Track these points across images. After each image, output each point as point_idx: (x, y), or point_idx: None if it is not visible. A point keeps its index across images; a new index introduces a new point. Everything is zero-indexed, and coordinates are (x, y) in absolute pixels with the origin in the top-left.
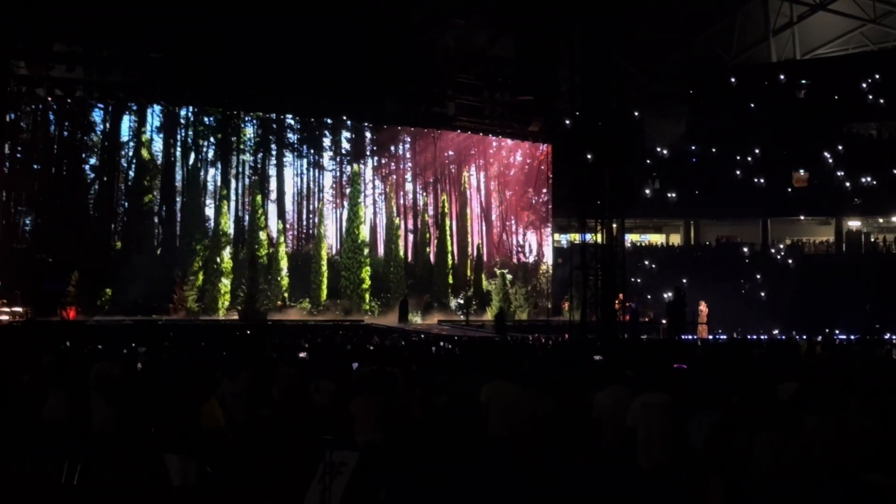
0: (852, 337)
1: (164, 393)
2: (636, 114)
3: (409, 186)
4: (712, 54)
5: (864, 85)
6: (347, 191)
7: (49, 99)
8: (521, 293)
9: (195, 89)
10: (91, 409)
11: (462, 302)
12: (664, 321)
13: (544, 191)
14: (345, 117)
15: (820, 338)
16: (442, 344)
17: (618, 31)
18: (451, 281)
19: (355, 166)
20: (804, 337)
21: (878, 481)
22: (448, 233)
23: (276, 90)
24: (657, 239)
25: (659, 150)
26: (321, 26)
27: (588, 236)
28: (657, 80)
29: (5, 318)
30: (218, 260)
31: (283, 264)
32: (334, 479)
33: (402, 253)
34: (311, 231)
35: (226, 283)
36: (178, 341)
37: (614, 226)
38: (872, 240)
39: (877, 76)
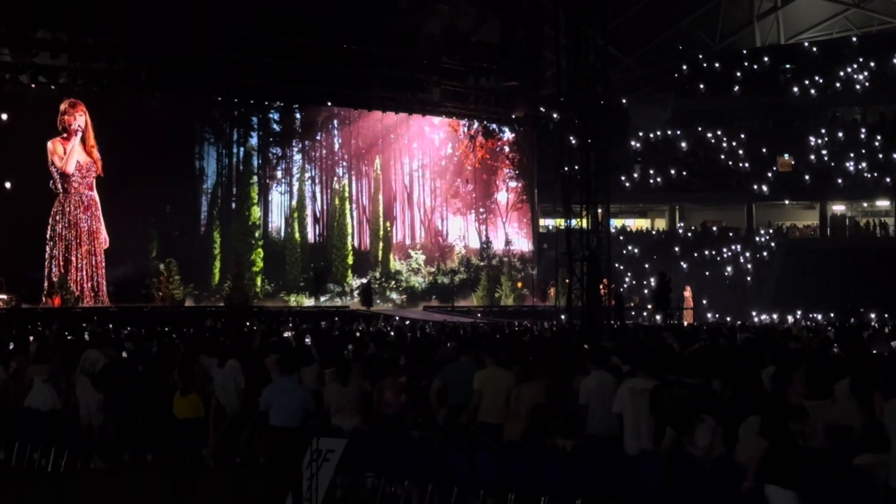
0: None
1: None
2: (622, 99)
3: (329, 169)
4: (697, 39)
5: (849, 69)
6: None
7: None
8: (508, 283)
9: (183, 77)
10: (78, 396)
11: (365, 282)
12: (649, 306)
13: (468, 181)
14: (329, 103)
15: (802, 321)
16: (427, 329)
17: (603, 15)
18: (350, 262)
19: (248, 146)
20: (790, 321)
21: (867, 463)
22: (349, 215)
23: (261, 77)
24: (642, 224)
25: (644, 134)
26: (305, 12)
27: (573, 221)
28: (642, 64)
29: None
30: None
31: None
32: (322, 465)
33: (297, 235)
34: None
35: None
36: (164, 329)
37: (599, 211)
38: (857, 224)
39: (860, 60)
